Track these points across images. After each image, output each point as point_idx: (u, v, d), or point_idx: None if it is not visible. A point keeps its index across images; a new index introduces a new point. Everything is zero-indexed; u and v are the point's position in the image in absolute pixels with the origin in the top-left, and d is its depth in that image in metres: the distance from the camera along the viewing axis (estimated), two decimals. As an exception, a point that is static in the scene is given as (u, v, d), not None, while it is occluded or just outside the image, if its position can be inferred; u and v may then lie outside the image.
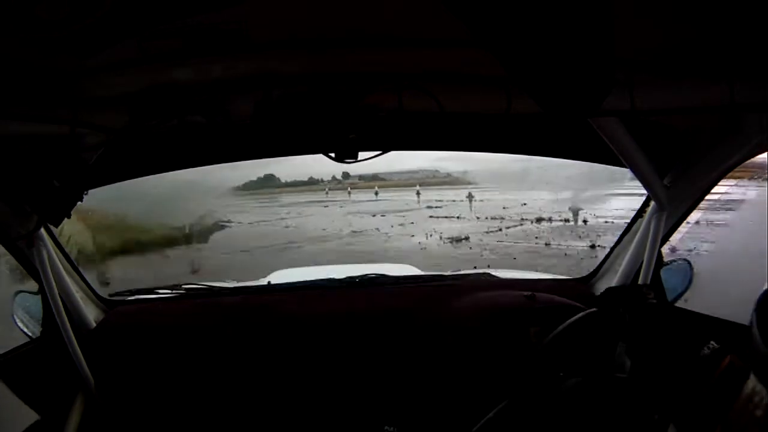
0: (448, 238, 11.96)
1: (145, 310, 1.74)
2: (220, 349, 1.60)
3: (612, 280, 1.72)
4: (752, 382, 0.89)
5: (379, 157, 1.22)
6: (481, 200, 15.16)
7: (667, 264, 1.68)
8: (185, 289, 1.87)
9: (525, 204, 13.72)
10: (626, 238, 1.71)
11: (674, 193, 1.43)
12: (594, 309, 1.46)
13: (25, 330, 1.56)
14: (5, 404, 1.27)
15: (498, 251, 10.47)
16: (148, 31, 0.93)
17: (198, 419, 1.59)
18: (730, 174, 1.39)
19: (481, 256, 9.99)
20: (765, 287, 0.92)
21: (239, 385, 1.59)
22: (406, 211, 15.44)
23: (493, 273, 1.97)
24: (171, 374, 1.58)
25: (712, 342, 1.08)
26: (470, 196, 15.26)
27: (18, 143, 1.17)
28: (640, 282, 1.55)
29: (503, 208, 14.03)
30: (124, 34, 0.91)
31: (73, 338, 1.49)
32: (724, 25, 0.96)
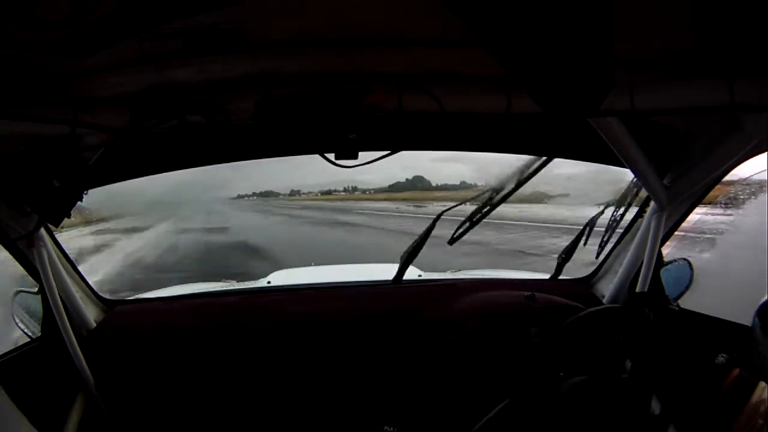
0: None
1: (145, 310, 1.74)
2: (219, 349, 1.60)
3: (612, 280, 1.72)
4: (758, 393, 0.90)
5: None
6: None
7: (667, 264, 1.69)
8: (185, 289, 1.87)
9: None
10: (626, 238, 1.71)
11: (674, 193, 1.43)
12: (617, 305, 1.46)
13: (25, 330, 1.56)
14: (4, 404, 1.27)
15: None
16: (148, 31, 0.93)
17: (198, 419, 1.59)
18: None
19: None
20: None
21: (239, 385, 1.59)
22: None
23: (493, 273, 1.97)
24: (171, 374, 1.58)
25: (722, 354, 1.08)
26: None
27: (18, 143, 1.17)
28: (639, 282, 1.55)
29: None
30: (124, 34, 0.91)
31: (73, 338, 1.49)
32: (724, 24, 0.96)
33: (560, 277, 1.98)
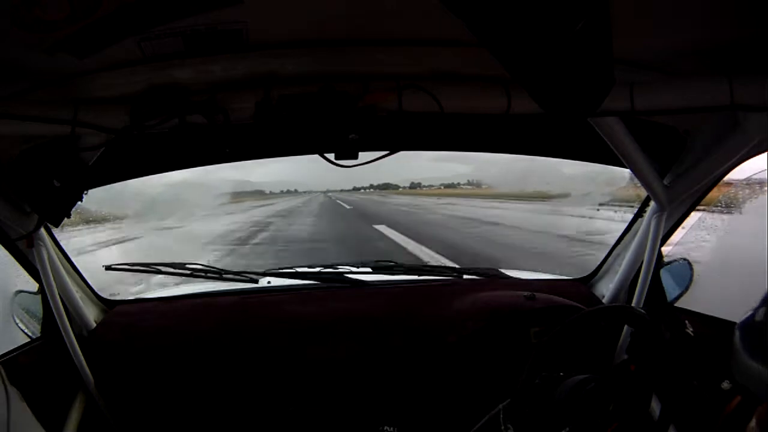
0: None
1: (145, 310, 1.74)
2: (219, 349, 1.60)
3: (612, 280, 1.72)
4: (757, 417, 0.91)
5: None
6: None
7: (667, 264, 1.69)
8: (185, 289, 1.87)
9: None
10: (626, 238, 1.71)
11: (674, 193, 1.42)
12: (618, 305, 1.47)
13: (25, 330, 1.56)
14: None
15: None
16: (148, 31, 0.93)
17: (198, 419, 1.59)
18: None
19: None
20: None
21: (239, 385, 1.59)
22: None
23: (494, 273, 1.97)
24: (171, 374, 1.58)
25: (726, 380, 1.09)
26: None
27: (18, 143, 1.17)
28: (639, 282, 1.55)
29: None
30: (123, 34, 0.91)
31: (73, 338, 1.49)
32: (724, 24, 0.97)
33: (560, 277, 1.98)
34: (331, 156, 1.22)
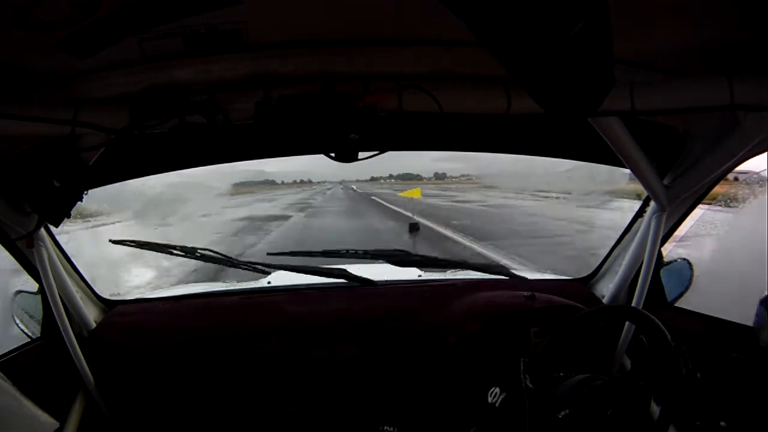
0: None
1: (145, 310, 1.74)
2: (220, 349, 1.60)
3: (612, 280, 1.72)
4: None
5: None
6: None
7: (667, 264, 1.69)
8: (185, 289, 1.87)
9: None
10: (626, 238, 1.71)
11: (674, 193, 1.43)
12: (618, 305, 1.45)
13: (25, 330, 1.56)
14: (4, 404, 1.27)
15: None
16: (148, 31, 0.93)
17: (198, 419, 1.59)
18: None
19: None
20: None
21: (239, 385, 1.59)
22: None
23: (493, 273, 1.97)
24: (171, 374, 1.58)
25: (722, 422, 1.10)
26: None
27: (18, 143, 1.17)
28: (639, 282, 1.55)
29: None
30: (124, 34, 0.91)
31: (73, 338, 1.49)
32: (724, 24, 0.97)
33: (560, 277, 1.98)
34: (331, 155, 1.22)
